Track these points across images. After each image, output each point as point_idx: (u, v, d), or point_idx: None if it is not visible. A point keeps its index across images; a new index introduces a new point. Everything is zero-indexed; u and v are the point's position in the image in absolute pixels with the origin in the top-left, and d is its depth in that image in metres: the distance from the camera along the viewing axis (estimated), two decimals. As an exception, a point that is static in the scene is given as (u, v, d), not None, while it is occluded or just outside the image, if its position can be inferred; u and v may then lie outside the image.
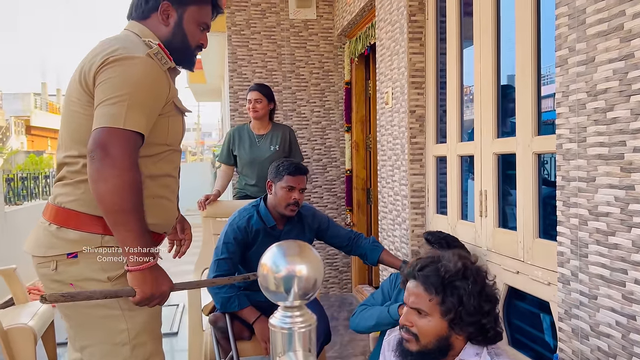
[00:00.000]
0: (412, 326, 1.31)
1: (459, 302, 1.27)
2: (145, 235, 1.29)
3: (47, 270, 1.36)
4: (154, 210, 1.41)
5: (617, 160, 1.28)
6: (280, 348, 0.61)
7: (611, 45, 1.29)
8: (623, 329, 1.29)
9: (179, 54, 1.48)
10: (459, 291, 1.27)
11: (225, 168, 3.36)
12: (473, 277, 1.30)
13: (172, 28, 1.46)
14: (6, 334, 2.45)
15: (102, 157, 1.24)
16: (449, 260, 1.33)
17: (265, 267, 0.65)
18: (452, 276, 1.29)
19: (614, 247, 1.31)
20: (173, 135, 1.46)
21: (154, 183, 1.42)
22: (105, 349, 1.37)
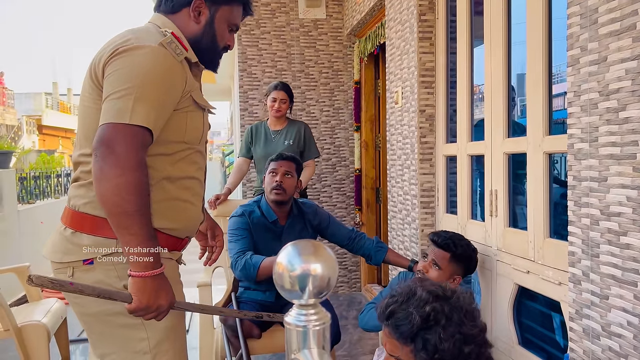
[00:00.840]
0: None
1: (433, 351, 1.13)
2: (151, 241, 1.20)
3: (64, 277, 1.30)
4: (172, 213, 1.35)
5: (630, 160, 1.28)
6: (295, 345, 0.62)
7: (624, 44, 1.29)
8: (635, 329, 1.29)
9: (206, 54, 1.42)
10: (431, 341, 1.13)
11: (241, 161, 3.40)
12: (445, 319, 1.15)
13: (203, 26, 1.39)
14: (20, 330, 2.49)
15: (105, 155, 1.17)
16: (416, 304, 1.18)
17: (280, 266, 0.66)
18: (420, 326, 1.15)
19: (626, 247, 1.30)
20: (192, 133, 1.37)
21: (173, 185, 1.35)
22: (125, 358, 1.32)
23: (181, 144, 1.35)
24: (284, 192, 2.30)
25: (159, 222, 1.31)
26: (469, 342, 1.14)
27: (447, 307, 1.17)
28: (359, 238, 2.44)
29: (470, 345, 1.14)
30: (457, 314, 1.16)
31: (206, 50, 1.41)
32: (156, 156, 1.30)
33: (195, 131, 1.38)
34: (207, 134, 1.48)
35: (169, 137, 1.32)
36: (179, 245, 1.42)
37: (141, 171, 1.19)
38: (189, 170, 1.39)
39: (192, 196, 1.41)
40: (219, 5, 1.40)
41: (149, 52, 1.24)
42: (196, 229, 1.51)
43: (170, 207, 1.34)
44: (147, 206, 1.21)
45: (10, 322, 2.45)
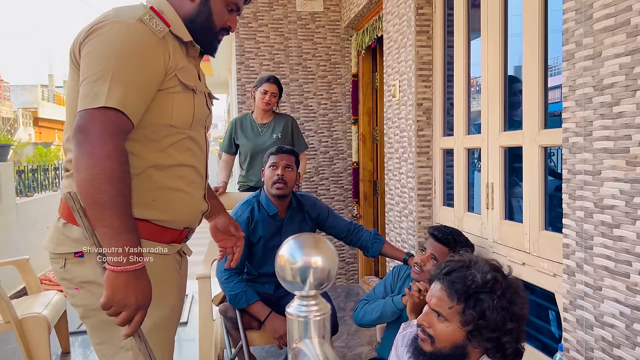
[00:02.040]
0: (429, 327, 1.27)
1: (480, 315, 1.20)
2: (127, 234, 1.11)
3: (57, 267, 1.29)
4: (164, 204, 1.28)
5: (623, 154, 1.30)
6: (297, 335, 0.64)
7: (618, 40, 1.30)
8: (627, 319, 1.31)
9: (202, 34, 1.34)
10: (483, 304, 1.20)
11: (226, 157, 3.39)
12: (501, 291, 1.22)
13: (198, 4, 1.32)
14: (21, 323, 2.51)
15: (80, 144, 1.11)
16: (479, 269, 1.25)
17: (282, 259, 0.68)
18: (479, 287, 1.22)
19: (619, 239, 1.33)
20: (179, 116, 1.28)
21: (163, 174, 1.28)
22: (111, 350, 1.29)
23: (168, 128, 1.27)
24: (286, 186, 2.32)
25: (150, 213, 1.26)
26: (514, 320, 1.22)
27: (505, 282, 1.25)
28: (357, 230, 2.46)
29: (514, 323, 1.21)
30: (511, 292, 1.24)
31: (202, 31, 1.33)
32: (141, 142, 1.24)
33: (183, 114, 1.29)
34: (204, 119, 1.40)
35: (154, 120, 1.24)
36: (177, 238, 1.35)
37: (117, 159, 1.11)
38: (181, 157, 1.31)
39: (187, 185, 1.33)
40: None
41: (124, 29, 1.17)
42: (197, 220, 1.43)
43: (161, 197, 1.28)
44: (125, 196, 1.12)
45: (10, 315, 2.47)
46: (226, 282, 2.23)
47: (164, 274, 1.31)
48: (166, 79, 1.23)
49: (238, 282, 2.23)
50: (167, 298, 1.32)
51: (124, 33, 1.16)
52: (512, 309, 1.22)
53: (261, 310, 2.20)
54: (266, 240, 2.34)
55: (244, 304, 2.20)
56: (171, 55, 1.23)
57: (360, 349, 3.06)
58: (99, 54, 1.15)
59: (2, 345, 3.22)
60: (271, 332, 2.17)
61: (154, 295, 1.22)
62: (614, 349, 1.36)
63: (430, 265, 1.96)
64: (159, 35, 1.21)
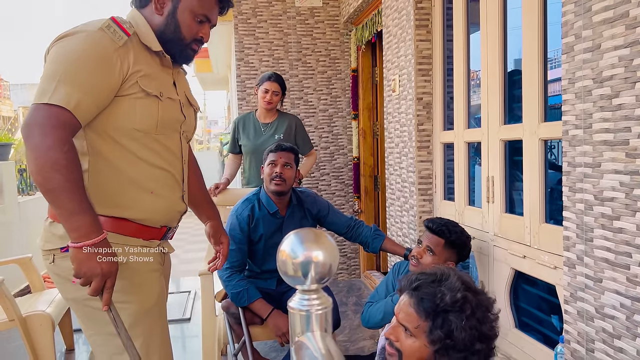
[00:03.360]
0: (396, 341, 1.24)
1: (447, 335, 1.16)
2: (82, 214, 1.21)
3: (47, 263, 1.39)
4: (134, 203, 1.38)
5: (622, 146, 1.31)
6: (299, 329, 0.65)
7: (617, 32, 1.30)
8: (627, 310, 1.32)
9: (172, 45, 1.42)
10: (450, 324, 1.16)
11: (232, 157, 3.38)
12: (471, 310, 1.18)
13: (165, 17, 1.40)
14: (25, 320, 2.52)
15: (26, 137, 1.20)
16: (449, 286, 1.21)
17: (284, 254, 0.69)
18: (447, 307, 1.18)
19: (619, 231, 1.34)
20: (142, 120, 1.35)
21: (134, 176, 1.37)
22: (101, 339, 1.38)
23: (133, 131, 1.35)
24: (284, 183, 2.32)
25: (127, 212, 1.37)
26: (482, 341, 1.18)
27: (475, 301, 1.20)
28: (358, 226, 2.47)
29: (482, 344, 1.17)
30: (481, 311, 1.19)
31: (171, 42, 1.41)
32: (110, 145, 1.33)
33: (146, 118, 1.36)
34: (177, 125, 1.47)
35: (119, 124, 1.33)
36: (156, 235, 1.44)
37: (59, 149, 1.19)
38: (150, 160, 1.39)
39: (160, 187, 1.42)
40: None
41: (84, 37, 1.27)
42: (174, 219, 1.51)
43: (135, 197, 1.37)
44: (73, 181, 1.21)
45: (15, 313, 2.48)
46: (228, 281, 2.24)
47: (148, 267, 1.42)
48: (126, 85, 1.32)
49: (239, 281, 2.24)
50: (152, 287, 1.43)
51: (82, 40, 1.26)
52: (482, 328, 1.18)
53: (263, 307, 2.21)
54: (267, 238, 2.34)
55: (246, 302, 2.21)
56: (131, 62, 1.32)
57: (363, 343, 3.08)
58: (55, 58, 1.26)
59: (6, 343, 3.23)
60: (273, 330, 2.18)
61: (139, 285, 1.39)
62: (615, 340, 1.37)
63: (428, 257, 1.96)
64: (118, 43, 1.30)
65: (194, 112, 1.60)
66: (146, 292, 1.41)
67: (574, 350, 1.52)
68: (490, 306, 1.23)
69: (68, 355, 3.11)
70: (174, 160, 1.47)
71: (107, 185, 1.35)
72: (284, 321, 2.16)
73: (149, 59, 1.39)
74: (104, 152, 1.34)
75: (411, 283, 1.25)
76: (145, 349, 1.39)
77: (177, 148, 1.48)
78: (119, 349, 1.34)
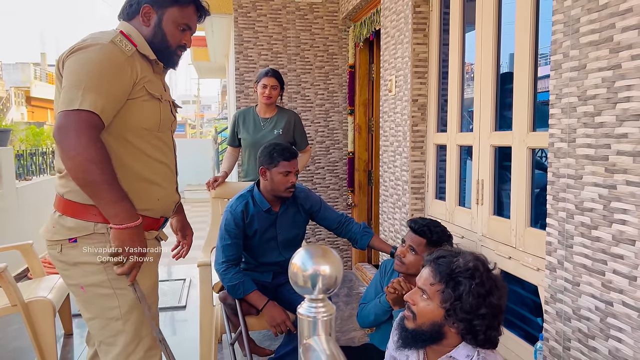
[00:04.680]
0: (413, 304, 1.42)
1: (457, 297, 1.34)
2: (122, 202, 1.42)
3: (54, 252, 1.54)
4: (143, 195, 1.55)
5: (602, 161, 1.40)
6: (307, 333, 0.74)
7: (601, 54, 1.40)
8: (601, 313, 1.43)
9: (161, 53, 1.61)
10: (461, 287, 1.34)
11: (231, 150, 3.46)
12: (480, 280, 1.35)
13: (152, 28, 1.58)
14: (27, 306, 2.60)
15: (62, 139, 1.37)
16: (464, 257, 1.40)
17: (295, 266, 0.78)
18: (460, 272, 1.36)
19: (596, 239, 1.44)
20: (149, 120, 1.56)
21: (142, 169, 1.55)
22: (102, 323, 1.55)
23: (141, 130, 1.55)
24: (294, 188, 2.40)
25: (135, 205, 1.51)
26: (488, 307, 1.34)
27: (486, 273, 1.38)
28: (348, 222, 2.54)
29: (488, 309, 1.34)
30: (490, 283, 1.37)
31: (160, 50, 1.60)
32: (121, 143, 1.51)
33: (152, 118, 1.56)
34: (170, 124, 1.67)
35: (129, 124, 1.51)
36: (155, 225, 1.63)
37: (94, 147, 1.37)
38: (154, 155, 1.59)
39: (162, 179, 1.62)
40: (165, 8, 1.58)
41: (99, 49, 1.44)
42: (171, 209, 1.71)
43: (141, 189, 1.55)
44: (109, 173, 1.40)
45: (17, 298, 2.56)
46: (224, 274, 2.31)
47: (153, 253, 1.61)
48: (135, 89, 1.50)
49: (235, 274, 2.31)
50: (150, 275, 1.63)
51: (98, 52, 1.43)
52: (489, 298, 1.35)
53: (259, 299, 2.28)
54: (262, 233, 2.42)
55: (242, 294, 2.29)
56: (138, 70, 1.51)
57: (354, 334, 3.19)
58: (77, 68, 1.42)
59: (7, 326, 3.32)
60: (268, 320, 2.26)
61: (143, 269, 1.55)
62: (589, 340, 1.48)
63: (411, 257, 2.02)
64: (127, 53, 1.48)
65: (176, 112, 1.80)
66: (148, 276, 1.60)
67: (552, 348, 1.63)
68: (499, 282, 1.40)
69: (66, 340, 3.20)
70: (170, 154, 1.68)
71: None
72: (278, 312, 2.25)
73: (148, 66, 1.58)
74: (116, 150, 1.50)
75: (432, 255, 1.45)
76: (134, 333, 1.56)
77: (171, 144, 1.70)
78: (114, 332, 1.54)
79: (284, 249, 2.48)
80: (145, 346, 1.57)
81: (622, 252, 1.35)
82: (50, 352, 2.61)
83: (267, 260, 2.47)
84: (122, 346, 1.54)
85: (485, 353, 1.37)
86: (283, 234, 2.46)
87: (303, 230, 2.58)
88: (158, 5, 1.57)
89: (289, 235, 2.49)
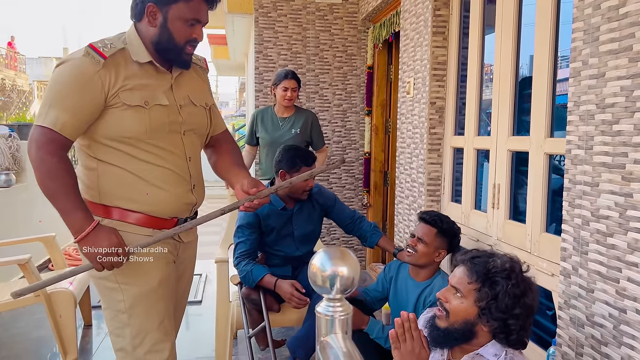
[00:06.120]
0: (446, 302, 1.43)
1: (493, 296, 1.36)
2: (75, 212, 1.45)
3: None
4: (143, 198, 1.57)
5: (619, 169, 1.41)
6: (324, 331, 0.78)
7: (620, 63, 1.40)
8: (615, 320, 1.44)
9: (168, 53, 1.56)
10: (497, 286, 1.36)
11: (249, 148, 3.52)
12: (516, 280, 1.38)
13: (159, 28, 1.53)
14: (49, 297, 2.68)
15: (28, 152, 1.46)
16: (500, 257, 1.43)
17: (314, 267, 0.82)
18: (497, 272, 1.38)
19: (612, 247, 1.45)
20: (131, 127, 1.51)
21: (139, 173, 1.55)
22: (111, 314, 1.61)
23: (122, 138, 1.53)
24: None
25: (130, 204, 1.56)
26: (522, 308, 1.37)
27: (521, 275, 1.41)
28: (360, 220, 2.63)
29: (522, 309, 1.37)
30: (524, 284, 1.40)
31: (167, 50, 1.56)
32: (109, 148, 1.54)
33: (135, 126, 1.52)
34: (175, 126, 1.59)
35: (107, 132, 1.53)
36: (166, 225, 1.63)
37: (49, 160, 1.43)
38: (149, 159, 1.56)
39: (164, 183, 1.59)
40: (169, 4, 1.51)
41: (69, 65, 1.49)
42: (184, 210, 1.66)
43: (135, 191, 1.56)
44: (66, 186, 1.45)
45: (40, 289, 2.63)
46: (237, 267, 2.41)
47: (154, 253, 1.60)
48: (112, 99, 1.50)
49: (246, 265, 2.39)
50: (155, 272, 1.61)
51: (68, 68, 1.48)
52: (523, 299, 1.37)
53: (269, 281, 2.34)
54: (279, 230, 2.50)
55: (254, 282, 2.35)
56: (113, 79, 1.49)
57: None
58: (50, 84, 1.50)
59: (29, 315, 3.42)
60: (284, 296, 2.30)
61: (143, 268, 1.57)
62: (602, 347, 1.49)
63: (421, 246, 2.08)
64: (98, 66, 1.48)
65: (203, 110, 1.70)
66: (151, 277, 1.60)
67: (564, 354, 1.64)
68: (532, 285, 1.43)
69: (86, 330, 3.29)
70: (173, 159, 1.61)
71: (113, 182, 1.56)
72: (288, 285, 2.30)
73: (139, 71, 1.54)
74: (104, 156, 1.55)
75: (466, 255, 1.47)
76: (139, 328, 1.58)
77: (177, 148, 1.62)
78: (121, 324, 1.58)
79: (301, 244, 2.58)
80: (153, 340, 1.58)
81: (637, 260, 1.36)
82: (70, 342, 2.68)
83: (285, 254, 2.55)
84: (128, 338, 1.58)
85: (513, 353, 1.39)
86: (299, 229, 2.54)
87: (319, 226, 2.67)
88: (162, 2, 1.51)
89: (305, 231, 2.57)
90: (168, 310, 1.66)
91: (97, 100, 1.49)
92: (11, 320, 3.39)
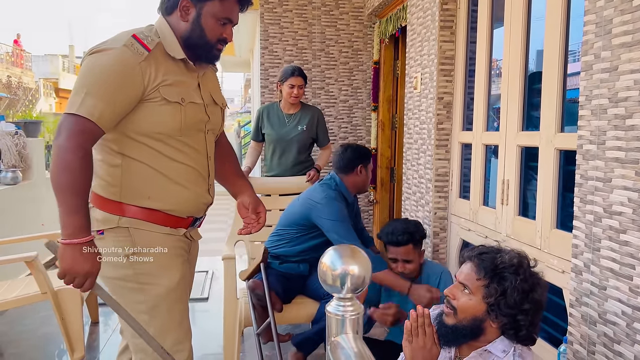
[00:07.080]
0: (454, 299, 1.41)
1: (502, 292, 1.34)
2: (76, 215, 1.34)
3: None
4: (165, 196, 1.53)
5: (633, 164, 1.38)
6: (335, 330, 0.76)
7: (634, 56, 1.37)
8: (628, 318, 1.41)
9: (198, 50, 1.53)
10: (506, 282, 1.35)
11: (254, 145, 3.50)
12: (524, 276, 1.36)
13: (191, 24, 1.50)
14: (57, 294, 2.67)
15: (55, 139, 1.37)
16: (507, 253, 1.41)
17: (325, 265, 0.80)
18: (505, 267, 1.36)
19: (625, 244, 1.42)
20: (166, 124, 1.49)
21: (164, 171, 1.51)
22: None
23: (155, 134, 1.49)
24: None
25: (153, 203, 1.52)
26: (531, 303, 1.36)
27: (529, 270, 1.40)
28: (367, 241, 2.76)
29: (531, 305, 1.35)
30: (532, 279, 1.39)
31: (197, 46, 1.52)
32: (138, 143, 1.48)
33: (170, 122, 1.49)
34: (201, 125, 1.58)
35: (140, 128, 1.47)
36: (183, 223, 1.60)
37: (75, 153, 1.34)
38: (177, 158, 1.53)
39: (186, 181, 1.56)
40: (204, 1, 1.49)
41: (110, 54, 1.41)
42: (200, 210, 1.65)
43: (160, 189, 1.52)
44: (79, 183, 1.35)
45: (48, 286, 2.63)
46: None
47: (172, 251, 1.58)
48: (150, 93, 1.45)
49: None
50: (175, 271, 1.58)
51: (108, 57, 1.41)
52: (532, 294, 1.36)
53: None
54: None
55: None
56: (153, 73, 1.45)
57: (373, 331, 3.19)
58: (85, 72, 1.42)
59: (36, 312, 3.42)
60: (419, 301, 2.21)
61: (164, 267, 1.54)
62: (615, 345, 1.46)
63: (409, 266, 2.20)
64: (140, 57, 1.43)
65: (220, 110, 1.70)
66: (170, 275, 1.56)
67: (576, 351, 1.62)
68: (541, 280, 1.41)
69: (93, 328, 3.29)
70: (197, 157, 1.60)
71: (137, 179, 1.51)
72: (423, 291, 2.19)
73: (174, 67, 1.51)
74: (131, 152, 1.49)
75: (474, 251, 1.46)
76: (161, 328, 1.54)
77: (200, 146, 1.61)
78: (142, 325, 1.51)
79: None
80: (173, 339, 1.56)
81: (651, 257, 1.34)
82: (77, 339, 2.68)
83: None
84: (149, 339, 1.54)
85: (521, 349, 1.37)
86: (355, 224, 2.68)
87: None
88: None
89: (358, 226, 2.73)
90: (186, 308, 1.64)
91: (136, 92, 1.43)
92: (18, 318, 3.40)
